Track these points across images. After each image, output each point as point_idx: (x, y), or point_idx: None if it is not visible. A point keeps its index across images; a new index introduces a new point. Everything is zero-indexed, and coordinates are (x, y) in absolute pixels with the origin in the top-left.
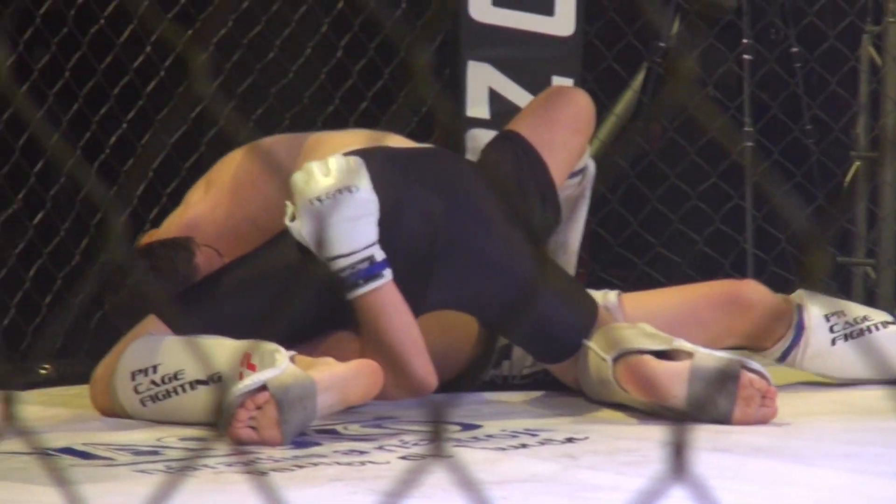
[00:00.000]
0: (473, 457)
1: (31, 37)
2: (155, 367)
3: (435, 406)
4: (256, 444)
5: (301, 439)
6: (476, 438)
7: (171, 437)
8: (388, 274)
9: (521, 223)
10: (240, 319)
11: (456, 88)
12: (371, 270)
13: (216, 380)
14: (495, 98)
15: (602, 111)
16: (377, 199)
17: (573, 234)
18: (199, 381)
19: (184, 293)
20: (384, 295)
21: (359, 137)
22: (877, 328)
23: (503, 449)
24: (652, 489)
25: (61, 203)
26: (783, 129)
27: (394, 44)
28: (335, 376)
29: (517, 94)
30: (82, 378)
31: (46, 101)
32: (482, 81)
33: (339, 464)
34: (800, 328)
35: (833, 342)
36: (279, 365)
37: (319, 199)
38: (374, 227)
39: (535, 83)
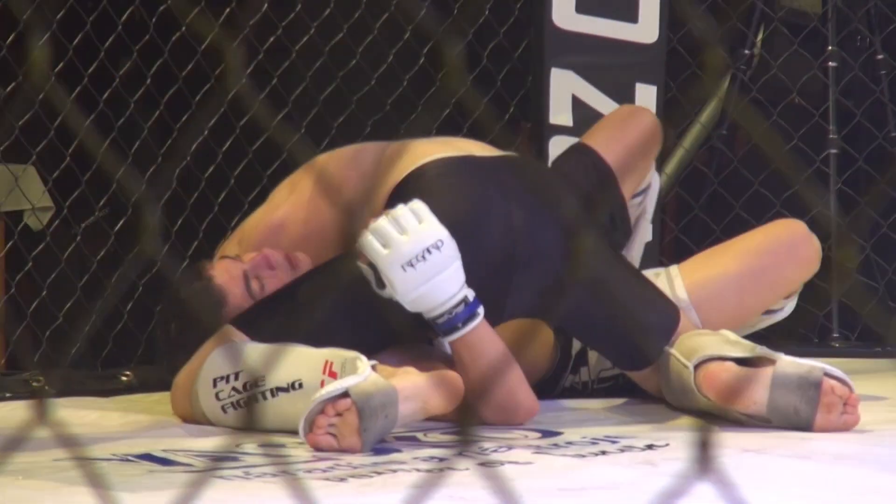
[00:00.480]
0: (553, 464)
1: (113, 45)
2: (236, 374)
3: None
4: (336, 452)
5: (380, 446)
6: (556, 445)
7: (251, 444)
8: (481, 311)
9: (600, 231)
10: (319, 328)
11: (539, 96)
12: (467, 311)
13: (297, 387)
14: (578, 105)
15: (685, 118)
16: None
17: (635, 251)
18: (279, 389)
19: (264, 301)
20: (481, 332)
21: (440, 146)
22: None
23: (583, 456)
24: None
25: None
26: (868, 136)
27: (478, 50)
28: (416, 386)
29: (600, 102)
30: (162, 385)
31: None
32: (565, 89)
33: (418, 471)
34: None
35: None
36: (361, 373)
37: (411, 265)
38: (461, 268)
39: (618, 90)
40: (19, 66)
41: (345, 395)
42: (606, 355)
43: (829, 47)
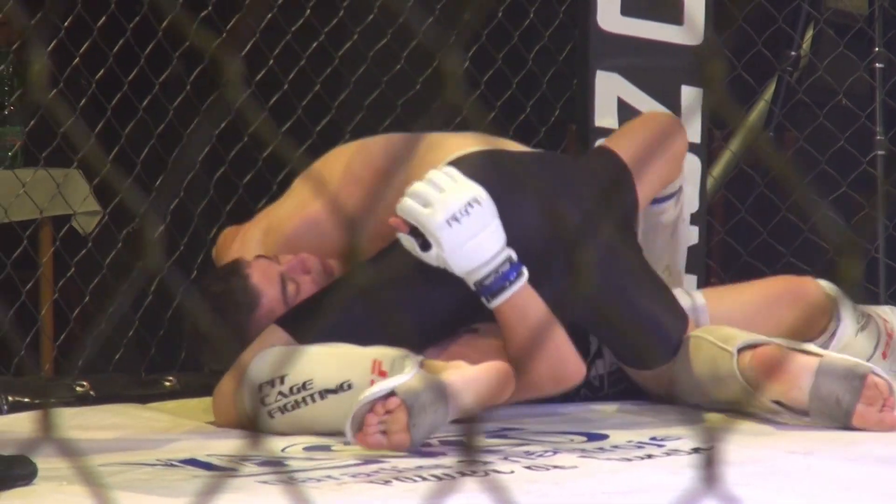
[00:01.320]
0: (599, 467)
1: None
2: (282, 378)
3: (563, 417)
4: (385, 450)
5: (426, 450)
6: (602, 449)
7: (296, 448)
8: (525, 270)
9: (624, 228)
10: (366, 327)
11: (584, 98)
12: (513, 270)
13: (346, 388)
14: (623, 108)
15: (731, 121)
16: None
17: (677, 255)
18: (328, 391)
19: (308, 301)
20: (526, 292)
21: (474, 140)
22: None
23: (629, 460)
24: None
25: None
26: None
27: (523, 53)
28: (466, 379)
29: (645, 104)
30: (206, 390)
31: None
32: (610, 91)
33: (463, 474)
34: (839, 319)
35: (856, 333)
36: (408, 371)
37: (455, 219)
38: (501, 227)
39: (663, 92)
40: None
41: (392, 393)
42: (614, 352)
43: (876, 48)
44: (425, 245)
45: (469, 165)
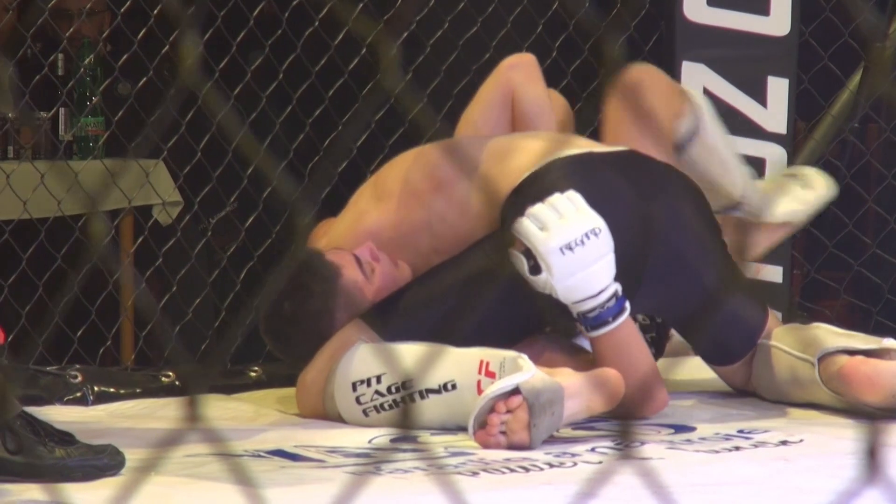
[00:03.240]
0: (686, 459)
1: (244, 39)
2: (379, 378)
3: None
4: (505, 449)
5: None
6: (689, 441)
7: (383, 439)
8: (629, 306)
9: (710, 226)
10: (452, 326)
11: None
12: (618, 306)
13: (450, 388)
14: (710, 98)
15: (817, 111)
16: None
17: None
18: (430, 391)
19: (391, 299)
20: (629, 326)
21: (546, 142)
22: None
23: (717, 451)
24: (848, 490)
25: (273, 206)
26: None
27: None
28: (580, 385)
29: (732, 95)
30: (290, 380)
31: (260, 104)
32: (697, 82)
33: (551, 465)
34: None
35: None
36: (528, 369)
37: (570, 248)
38: (614, 262)
39: (750, 83)
40: (151, 62)
41: (515, 391)
42: (695, 348)
43: None
44: (535, 269)
45: (564, 166)
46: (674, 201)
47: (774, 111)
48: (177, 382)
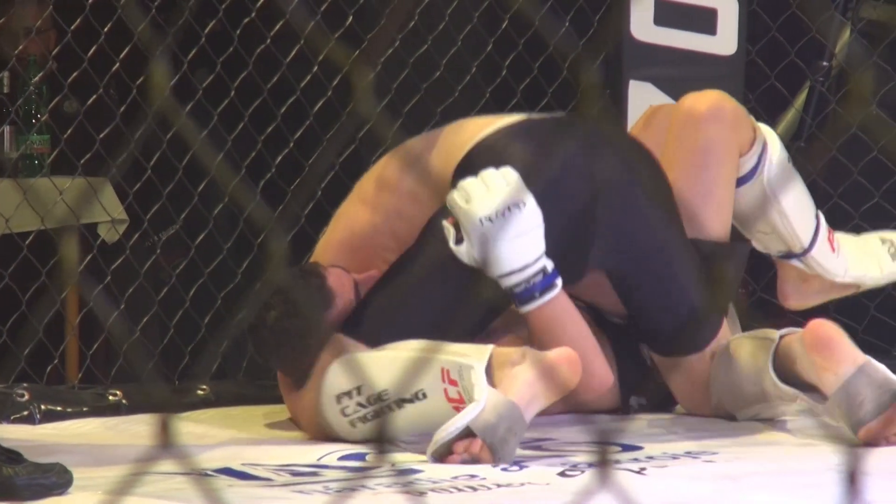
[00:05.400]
0: (632, 478)
1: (194, 56)
2: (358, 389)
3: (597, 428)
4: None
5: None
6: (636, 460)
7: (331, 457)
8: (559, 282)
9: (665, 193)
10: (431, 320)
11: (617, 107)
12: (546, 282)
13: (421, 397)
14: None
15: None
16: (540, 210)
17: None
18: (404, 400)
19: (364, 305)
20: (560, 302)
21: (495, 118)
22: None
23: (664, 467)
24: None
25: (223, 223)
26: None
27: (558, 62)
28: (534, 383)
29: None
30: (239, 399)
31: (210, 122)
32: (644, 100)
33: (498, 485)
34: (763, 144)
35: (788, 159)
36: (477, 392)
37: (490, 219)
38: (542, 238)
39: None
40: (99, 80)
41: (471, 433)
42: (648, 333)
43: None
44: (460, 239)
45: (503, 136)
46: (621, 156)
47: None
48: (123, 401)
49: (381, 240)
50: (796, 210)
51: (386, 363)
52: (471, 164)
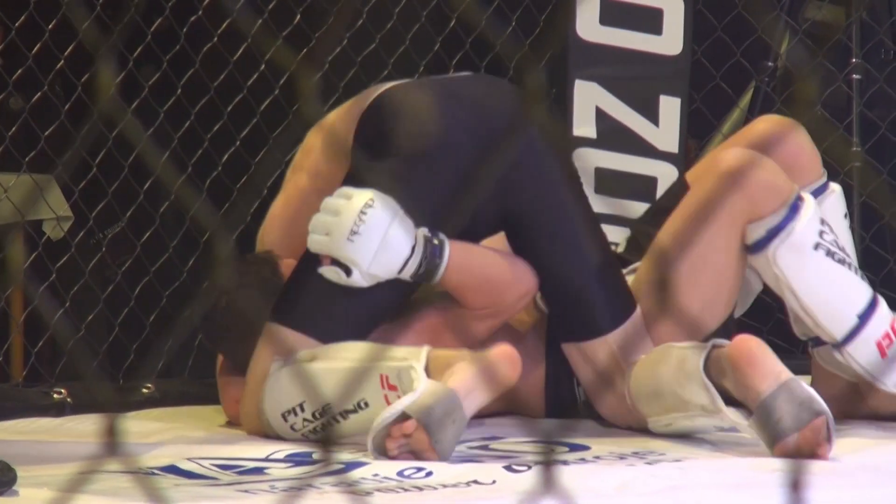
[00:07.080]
0: (579, 476)
1: (141, 54)
2: (301, 406)
3: (543, 429)
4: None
5: (411, 461)
6: (584, 460)
7: (279, 454)
8: (443, 235)
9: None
10: (365, 305)
11: (563, 107)
12: (437, 246)
13: (364, 406)
14: (602, 117)
15: (709, 130)
16: (388, 196)
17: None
18: (348, 411)
19: (295, 290)
20: (457, 251)
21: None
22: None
23: (611, 465)
24: None
25: (169, 221)
26: (892, 148)
27: (505, 61)
28: (473, 377)
29: (624, 113)
30: (184, 398)
31: (157, 119)
32: (589, 100)
33: (444, 486)
34: (794, 210)
35: (816, 247)
36: (416, 386)
37: (354, 232)
38: (405, 216)
39: (642, 102)
40: (44, 76)
41: (406, 415)
42: (553, 312)
43: (853, 59)
44: (347, 271)
45: (397, 92)
46: (516, 110)
47: (666, 130)
48: (68, 399)
49: (312, 199)
50: (819, 296)
51: (325, 376)
52: (364, 128)
